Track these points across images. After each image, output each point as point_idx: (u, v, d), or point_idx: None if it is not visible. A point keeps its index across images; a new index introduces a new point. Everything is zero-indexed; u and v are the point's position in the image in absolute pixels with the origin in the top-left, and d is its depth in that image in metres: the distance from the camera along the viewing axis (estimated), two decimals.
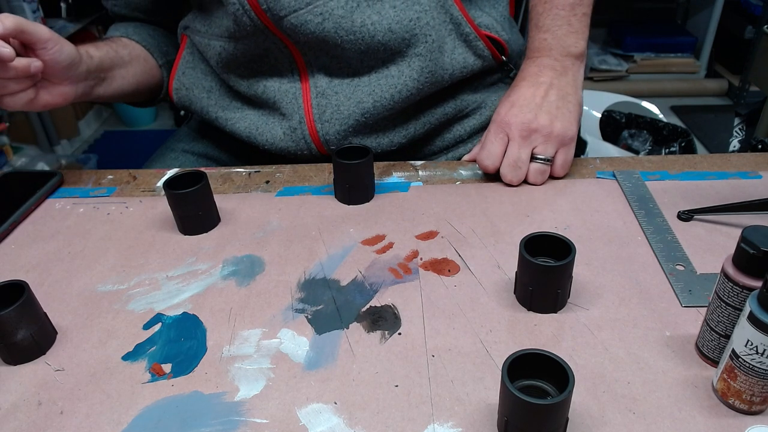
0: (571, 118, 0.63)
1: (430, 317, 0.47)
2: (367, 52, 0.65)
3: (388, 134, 0.71)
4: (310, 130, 0.68)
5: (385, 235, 0.57)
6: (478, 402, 0.40)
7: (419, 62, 0.65)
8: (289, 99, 0.68)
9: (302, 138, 0.69)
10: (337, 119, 0.68)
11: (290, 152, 0.71)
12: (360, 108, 0.67)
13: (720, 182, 0.63)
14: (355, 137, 0.69)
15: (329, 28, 0.62)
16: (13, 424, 0.40)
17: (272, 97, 0.69)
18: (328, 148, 0.70)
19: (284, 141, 0.70)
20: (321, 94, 0.67)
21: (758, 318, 0.35)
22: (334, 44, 0.63)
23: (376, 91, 0.66)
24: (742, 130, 1.64)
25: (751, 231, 0.37)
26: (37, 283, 0.53)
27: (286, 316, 0.48)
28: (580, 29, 0.65)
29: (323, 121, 0.68)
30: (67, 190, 0.67)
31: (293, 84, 0.68)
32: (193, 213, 0.58)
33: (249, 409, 0.41)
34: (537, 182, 0.63)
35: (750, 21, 2.44)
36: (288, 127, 0.69)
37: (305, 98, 0.68)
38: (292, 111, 0.68)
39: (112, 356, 0.45)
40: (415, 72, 0.65)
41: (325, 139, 0.69)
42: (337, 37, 0.63)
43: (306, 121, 0.68)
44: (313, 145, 0.69)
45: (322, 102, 0.67)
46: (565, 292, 0.47)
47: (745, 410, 0.39)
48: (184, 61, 0.76)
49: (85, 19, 2.46)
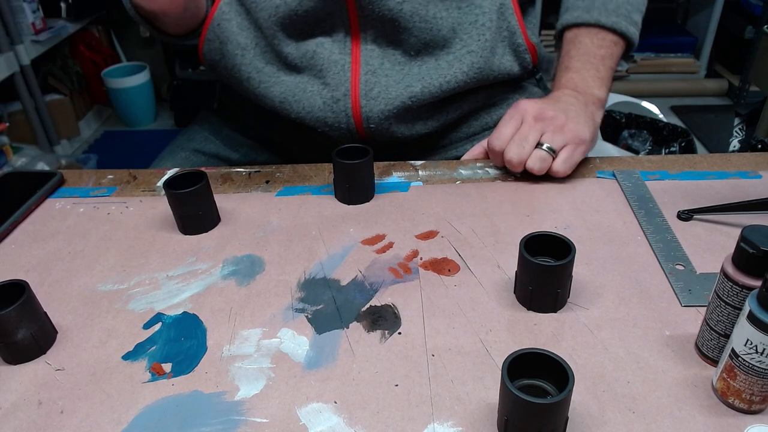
0: (586, 126, 0.63)
1: (430, 317, 0.47)
2: (427, 42, 0.68)
3: (424, 120, 0.72)
4: (353, 105, 0.68)
5: (385, 235, 0.57)
6: (478, 401, 0.40)
7: (471, 58, 0.69)
8: (337, 70, 0.68)
9: (343, 110, 0.69)
10: (384, 98, 0.68)
11: (326, 123, 0.70)
12: (408, 91, 0.68)
13: (720, 182, 0.63)
14: (395, 120, 0.70)
15: (406, 11, 0.65)
16: (13, 423, 0.40)
17: (319, 64, 0.68)
18: (367, 126, 0.70)
19: (323, 111, 0.69)
20: (371, 71, 0.68)
21: (758, 317, 0.35)
22: (404, 27, 0.66)
23: (426, 78, 0.69)
24: (742, 130, 1.64)
25: (750, 231, 0.37)
26: (37, 283, 0.53)
27: (286, 316, 0.48)
28: (605, 77, 0.68)
29: (369, 98, 0.68)
30: (67, 190, 0.67)
31: (344, 56, 0.68)
32: (193, 213, 0.58)
33: (249, 409, 0.41)
34: (534, 168, 0.61)
35: (750, 21, 2.44)
36: (330, 97, 0.69)
37: (354, 72, 0.68)
38: (338, 82, 0.68)
39: (112, 356, 0.45)
40: (465, 66, 0.69)
41: (367, 116, 0.69)
42: (410, 22, 0.65)
43: (351, 95, 0.68)
44: (352, 121, 0.69)
45: (371, 79, 0.68)
46: (565, 291, 0.47)
47: (745, 409, 0.39)
48: (221, 12, 0.72)
49: (85, 19, 2.47)
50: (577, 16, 0.70)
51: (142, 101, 2.66)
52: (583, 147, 0.63)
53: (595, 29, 0.69)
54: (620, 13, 0.69)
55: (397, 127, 0.70)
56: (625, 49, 0.72)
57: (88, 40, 2.59)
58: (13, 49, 2.00)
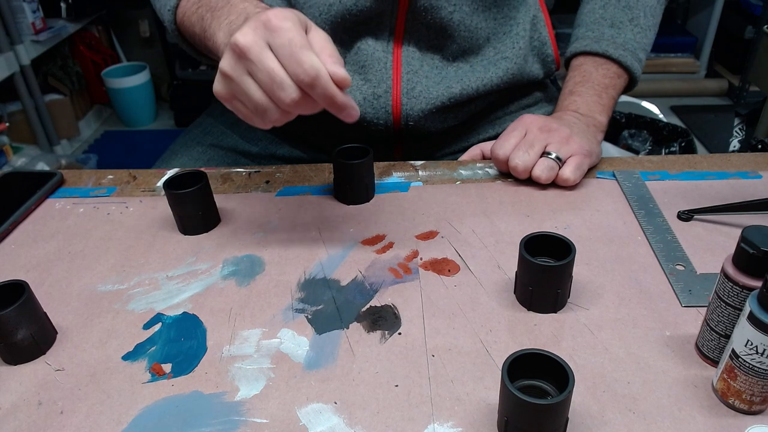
0: (591, 142, 0.64)
1: (430, 317, 0.47)
2: (468, 49, 0.71)
3: (455, 114, 0.74)
4: (394, 102, 0.70)
5: (385, 235, 0.57)
6: (478, 402, 0.40)
7: (506, 64, 0.72)
8: (379, 67, 0.69)
9: (383, 107, 0.70)
10: (425, 98, 0.70)
11: (366, 119, 0.71)
12: (448, 92, 0.71)
13: (720, 182, 0.63)
14: (432, 117, 0.72)
15: (456, 20, 0.67)
16: (13, 424, 0.40)
17: (362, 60, 0.70)
18: (405, 124, 0.71)
19: (363, 106, 0.71)
20: (413, 71, 0.70)
21: (758, 318, 0.35)
22: (449, 35, 0.68)
23: (464, 80, 0.71)
24: (742, 130, 1.64)
25: (751, 231, 0.37)
26: (37, 283, 0.53)
27: (286, 316, 0.48)
28: (607, 105, 0.70)
29: (411, 96, 0.70)
30: (67, 190, 0.67)
31: (386, 54, 0.70)
32: (193, 213, 0.58)
33: (249, 409, 0.41)
34: (542, 177, 0.61)
35: (750, 21, 2.44)
36: (371, 94, 0.70)
37: (395, 70, 0.70)
38: (380, 79, 0.70)
39: (112, 356, 0.45)
40: (501, 71, 0.72)
41: (407, 114, 0.71)
42: (457, 31, 0.68)
43: (392, 92, 0.70)
44: (391, 118, 0.71)
45: (413, 78, 0.70)
46: (565, 292, 0.47)
47: (745, 410, 0.39)
48: None
49: (85, 19, 2.47)
50: (586, 45, 0.72)
51: (142, 101, 2.66)
52: (589, 159, 0.63)
53: (601, 59, 0.72)
54: (627, 48, 0.71)
55: (432, 123, 0.73)
56: (627, 84, 0.73)
57: (88, 40, 2.59)
58: (13, 49, 2.00)
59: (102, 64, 2.62)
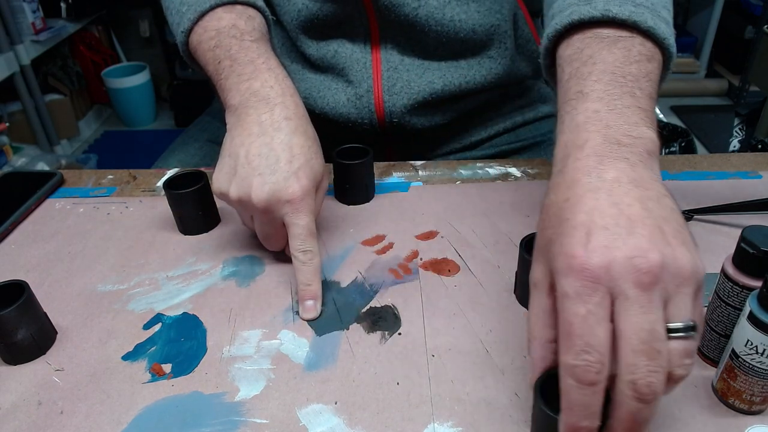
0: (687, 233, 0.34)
1: (430, 317, 0.47)
2: (446, 44, 0.68)
3: (443, 112, 0.73)
4: (376, 101, 0.70)
5: (385, 236, 0.57)
6: (478, 402, 0.40)
7: (490, 63, 0.70)
8: (359, 67, 0.69)
9: (366, 107, 0.70)
10: (407, 93, 0.70)
11: (351, 120, 0.71)
12: (430, 87, 0.70)
13: (720, 182, 0.63)
14: (416, 113, 0.71)
15: (421, 16, 0.65)
16: (13, 424, 0.40)
17: (341, 63, 0.70)
18: (389, 121, 0.71)
19: (347, 107, 0.71)
20: (393, 68, 0.70)
21: (758, 318, 0.35)
22: (420, 30, 0.67)
23: (447, 76, 0.70)
24: (742, 130, 1.64)
25: (751, 231, 0.37)
26: (37, 283, 0.53)
27: (287, 317, 0.48)
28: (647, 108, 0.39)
29: (392, 93, 0.70)
30: (67, 190, 0.67)
31: (364, 54, 0.70)
32: (193, 213, 0.58)
33: (249, 410, 0.41)
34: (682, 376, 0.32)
35: (750, 21, 2.44)
36: (354, 94, 0.70)
37: (375, 69, 0.69)
38: (360, 79, 0.70)
39: (112, 356, 0.45)
40: (485, 70, 0.70)
41: (390, 111, 0.70)
42: (426, 26, 0.66)
43: (374, 91, 0.70)
44: (375, 116, 0.71)
45: (393, 75, 0.70)
46: None
47: (745, 410, 0.39)
48: None
49: (85, 19, 2.47)
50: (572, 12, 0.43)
51: (142, 101, 2.66)
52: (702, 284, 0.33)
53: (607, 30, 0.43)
54: (639, 3, 0.43)
55: (417, 119, 0.72)
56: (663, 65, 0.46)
57: (88, 40, 2.59)
58: (13, 49, 2.00)
59: (102, 64, 2.62)
